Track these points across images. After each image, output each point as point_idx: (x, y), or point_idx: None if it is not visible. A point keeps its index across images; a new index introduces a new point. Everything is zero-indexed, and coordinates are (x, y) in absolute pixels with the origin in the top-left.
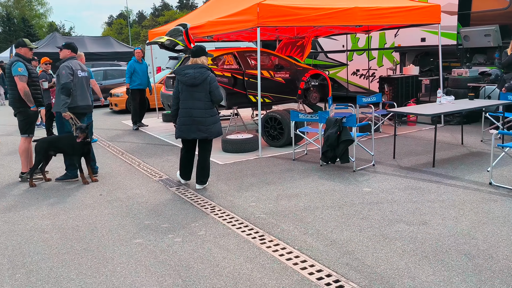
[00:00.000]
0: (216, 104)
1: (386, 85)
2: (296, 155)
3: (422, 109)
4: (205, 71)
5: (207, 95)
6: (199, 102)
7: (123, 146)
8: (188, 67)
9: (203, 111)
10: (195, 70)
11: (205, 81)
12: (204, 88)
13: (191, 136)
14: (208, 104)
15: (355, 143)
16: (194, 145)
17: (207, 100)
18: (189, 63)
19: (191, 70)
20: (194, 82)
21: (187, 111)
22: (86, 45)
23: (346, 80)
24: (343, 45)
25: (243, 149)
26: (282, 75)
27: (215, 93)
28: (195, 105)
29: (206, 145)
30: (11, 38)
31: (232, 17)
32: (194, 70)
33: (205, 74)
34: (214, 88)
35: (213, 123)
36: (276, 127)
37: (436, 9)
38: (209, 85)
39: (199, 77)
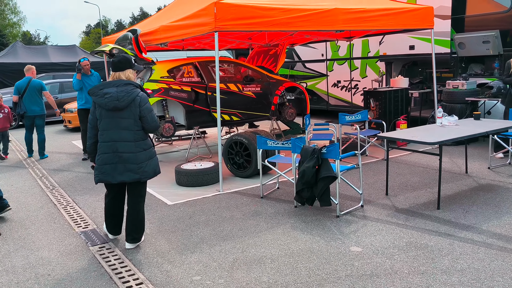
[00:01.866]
0: (150, 133)
1: (372, 100)
2: (265, 190)
3: (421, 134)
4: (133, 89)
5: (137, 122)
6: (126, 132)
7: (58, 177)
8: (107, 85)
9: (133, 144)
10: (118, 89)
11: (133, 103)
12: (132, 112)
13: (117, 179)
14: (139, 134)
15: (338, 180)
16: (123, 188)
17: (137, 128)
18: (109, 79)
19: (113, 89)
20: (117, 105)
21: (110, 145)
22: (49, 55)
23: (326, 93)
24: (322, 53)
25: (202, 181)
26: (253, 89)
27: (147, 118)
28: (121, 137)
29: (139, 189)
30: None
31: (187, 20)
32: (117, 89)
33: (133, 93)
34: (146, 111)
35: (147, 159)
36: (242, 154)
37: (428, 12)
38: (139, 108)
39: (125, 98)
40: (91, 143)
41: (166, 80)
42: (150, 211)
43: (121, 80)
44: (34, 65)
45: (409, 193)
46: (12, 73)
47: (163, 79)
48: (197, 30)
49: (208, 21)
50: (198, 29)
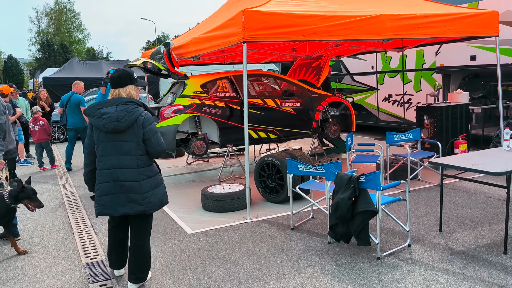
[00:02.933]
0: (155, 158)
1: (426, 117)
2: (298, 220)
3: (484, 161)
4: (135, 108)
5: (141, 145)
6: (128, 157)
7: (86, 196)
8: (106, 104)
9: (136, 171)
10: (118, 108)
11: (136, 123)
12: (134, 135)
13: (119, 211)
14: (143, 160)
15: (379, 215)
16: (127, 219)
17: (141, 153)
18: (109, 97)
19: (112, 109)
20: (117, 126)
21: (110, 172)
22: (103, 70)
23: (376, 107)
24: (372, 65)
25: (229, 207)
26: (292, 104)
27: (152, 141)
28: (122, 163)
29: (143, 222)
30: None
31: (217, 31)
32: (117, 108)
33: (135, 112)
34: (151, 133)
35: (153, 188)
36: (275, 177)
37: (492, 18)
38: (142, 129)
39: (125, 119)
40: (88, 171)
41: (199, 95)
42: (167, 241)
43: (121, 98)
44: (88, 80)
45: (469, 230)
46: (67, 87)
47: (196, 94)
48: (226, 42)
49: (237, 31)
50: (226, 40)
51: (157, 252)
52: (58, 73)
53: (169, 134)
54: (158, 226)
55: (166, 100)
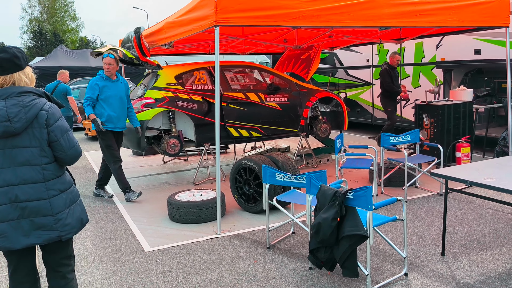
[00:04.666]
0: (68, 164)
1: (426, 116)
2: (276, 236)
3: (498, 174)
4: (33, 100)
5: (45, 150)
6: (29, 168)
7: None
8: None
9: (42, 186)
10: (7, 103)
11: (36, 121)
12: (35, 137)
13: (21, 242)
14: (51, 169)
15: (370, 240)
16: (32, 254)
17: (47, 160)
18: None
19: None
20: (8, 128)
21: (4, 191)
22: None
23: (371, 104)
24: (367, 59)
25: (198, 218)
26: (278, 100)
27: (62, 143)
28: (20, 177)
29: (61, 252)
30: (42, 52)
31: (188, 14)
32: (6, 103)
33: (34, 106)
34: (60, 132)
35: (69, 206)
36: (253, 183)
37: (503, 6)
38: (46, 128)
39: (20, 116)
40: None
41: (172, 88)
42: (118, 261)
43: (11, 88)
44: (73, 69)
45: (476, 254)
46: (52, 76)
47: (170, 86)
48: (197, 26)
49: (208, 13)
50: (198, 24)
51: (102, 277)
52: (42, 61)
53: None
54: (113, 240)
55: (136, 92)
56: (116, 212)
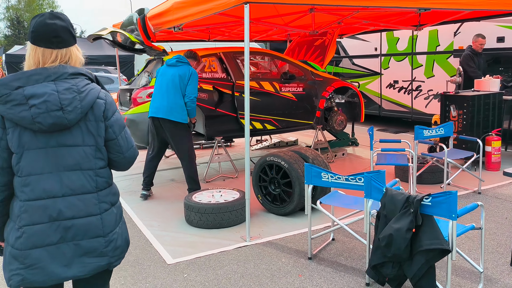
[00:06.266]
0: (122, 170)
1: (453, 107)
2: (314, 245)
3: None
4: (87, 84)
5: (100, 150)
6: (79, 174)
7: None
8: (30, 78)
9: (94, 198)
10: (59, 86)
11: (92, 113)
12: (89, 132)
13: (61, 275)
14: (104, 175)
15: (452, 255)
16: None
17: (102, 164)
18: (31, 64)
19: (48, 87)
20: (60, 120)
21: (44, 206)
22: None
23: (379, 95)
24: (375, 47)
25: (221, 222)
26: (293, 89)
27: (120, 142)
28: (67, 185)
29: (101, 284)
30: (20, 41)
31: None
32: (57, 86)
33: (90, 92)
34: (119, 128)
35: (119, 223)
36: (280, 182)
37: None
38: (103, 121)
39: (75, 104)
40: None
41: None
42: (138, 275)
43: (64, 67)
44: None
45: None
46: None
47: None
48: (220, 4)
49: None
50: (220, 2)
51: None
52: (23, 49)
53: (143, 124)
54: (128, 249)
55: (139, 80)
56: (124, 215)
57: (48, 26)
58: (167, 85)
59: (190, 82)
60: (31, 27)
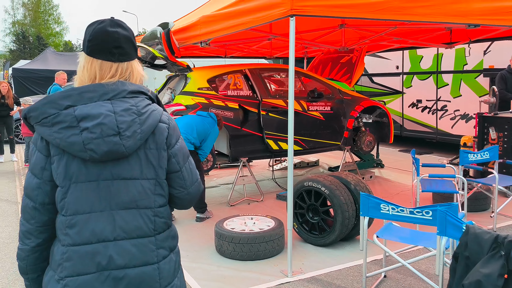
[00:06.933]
0: (184, 208)
1: (493, 129)
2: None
3: None
4: (149, 105)
5: (161, 185)
6: (136, 213)
7: None
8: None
9: (151, 243)
10: (116, 107)
11: (153, 140)
12: (150, 164)
13: None
14: (163, 215)
15: None
16: None
17: (161, 201)
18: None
19: (103, 107)
20: (117, 147)
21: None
22: None
23: (401, 114)
24: (397, 65)
25: (257, 253)
26: (321, 108)
27: (184, 175)
28: (119, 226)
29: None
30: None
31: (243, 4)
32: (114, 107)
33: (152, 116)
34: (182, 159)
35: (178, 271)
36: (319, 209)
37: None
38: (166, 150)
39: (135, 129)
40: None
41: (205, 93)
42: None
43: (123, 84)
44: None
45: None
46: (41, 80)
47: (202, 91)
48: (261, 17)
49: (279, 1)
50: (262, 14)
51: None
52: (30, 64)
53: None
54: None
55: (161, 97)
56: None
57: (109, 35)
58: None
59: (209, 138)
60: (88, 35)
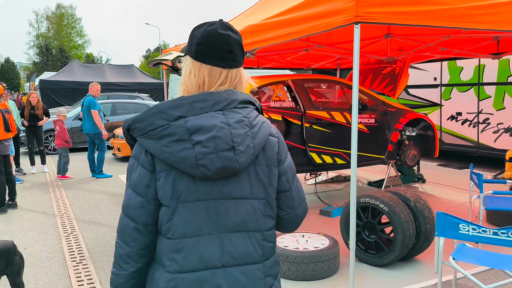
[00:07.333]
0: (288, 231)
1: None
2: None
3: None
4: (258, 117)
5: (271, 205)
6: (246, 236)
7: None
8: (194, 106)
9: (258, 270)
10: (229, 118)
11: (264, 156)
12: (260, 182)
13: None
14: (272, 239)
15: None
16: None
17: (270, 224)
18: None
19: (217, 119)
20: (230, 164)
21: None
22: (106, 74)
23: (439, 127)
24: (435, 77)
25: (313, 273)
26: (365, 120)
27: (293, 195)
28: (228, 251)
29: None
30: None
31: (297, 12)
32: (227, 118)
33: (262, 129)
34: (291, 176)
35: None
36: (376, 227)
37: None
38: (277, 167)
39: (248, 144)
40: (129, 275)
41: None
42: None
43: (233, 93)
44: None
45: None
46: (67, 91)
47: None
48: (318, 25)
49: (342, 7)
50: (319, 22)
51: None
52: (57, 76)
53: None
54: None
55: None
56: None
57: (221, 38)
58: None
59: None
60: (197, 38)
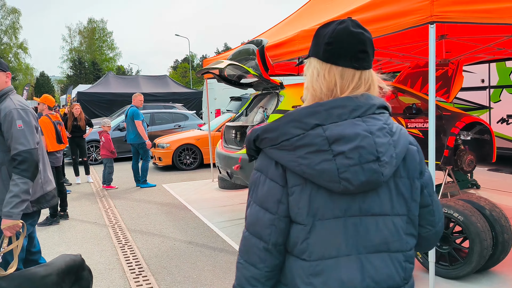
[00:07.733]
0: (425, 250)
1: None
2: None
3: None
4: (396, 125)
5: (413, 222)
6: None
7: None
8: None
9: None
10: (370, 126)
11: (404, 167)
12: (402, 196)
13: None
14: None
15: None
16: None
17: (410, 244)
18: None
19: (360, 127)
20: (374, 177)
21: None
22: (140, 85)
23: None
24: (482, 79)
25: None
26: (420, 125)
27: (435, 211)
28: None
29: None
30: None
31: (365, 13)
32: (368, 126)
33: (402, 136)
34: (432, 189)
35: None
36: (450, 237)
37: None
38: (416, 180)
39: (391, 154)
40: None
41: None
42: None
43: (369, 98)
44: (124, 96)
45: None
46: (104, 102)
47: None
48: (389, 26)
49: (415, 7)
50: (390, 23)
51: None
52: (93, 88)
53: None
54: None
55: (252, 117)
56: None
57: (354, 36)
58: None
59: None
60: (326, 38)
